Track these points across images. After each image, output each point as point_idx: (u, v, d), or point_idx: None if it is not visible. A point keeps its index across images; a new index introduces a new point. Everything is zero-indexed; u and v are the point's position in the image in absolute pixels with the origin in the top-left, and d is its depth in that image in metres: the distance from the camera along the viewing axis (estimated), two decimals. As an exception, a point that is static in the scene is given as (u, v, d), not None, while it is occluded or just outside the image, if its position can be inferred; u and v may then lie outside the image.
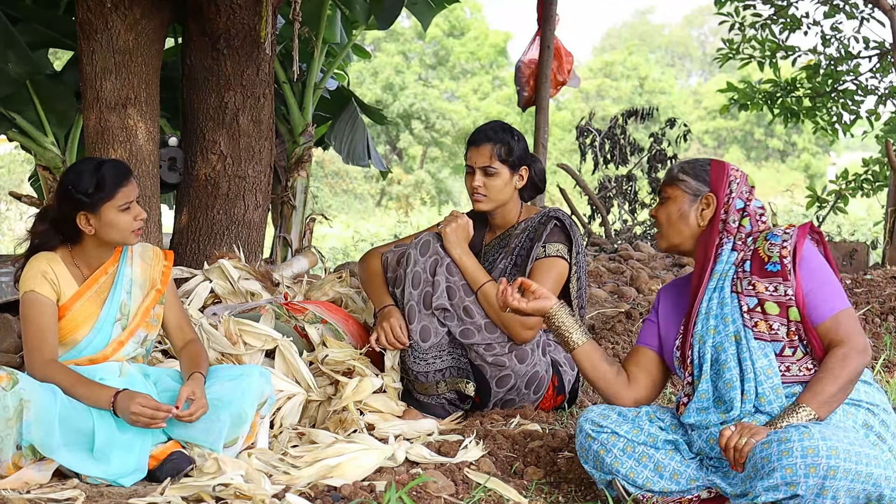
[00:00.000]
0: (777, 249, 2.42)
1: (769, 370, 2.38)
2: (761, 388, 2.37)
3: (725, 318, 2.46)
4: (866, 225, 16.39)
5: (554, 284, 3.25)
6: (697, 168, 2.57)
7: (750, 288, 2.44)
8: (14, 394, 2.61)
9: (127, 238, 2.90)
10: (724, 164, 2.56)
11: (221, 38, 4.92)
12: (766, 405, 2.36)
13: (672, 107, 27.72)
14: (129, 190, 2.87)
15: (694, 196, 2.54)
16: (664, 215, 2.59)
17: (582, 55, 41.54)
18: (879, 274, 6.23)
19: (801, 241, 2.44)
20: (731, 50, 9.90)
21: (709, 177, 2.54)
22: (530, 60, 7.59)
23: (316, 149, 7.22)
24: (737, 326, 2.44)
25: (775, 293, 2.41)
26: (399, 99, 27.40)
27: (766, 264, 2.43)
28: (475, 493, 2.50)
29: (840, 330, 2.36)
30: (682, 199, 2.55)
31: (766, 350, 2.40)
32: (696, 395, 2.46)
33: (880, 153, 10.12)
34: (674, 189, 2.57)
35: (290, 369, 3.28)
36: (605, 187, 10.86)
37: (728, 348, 2.43)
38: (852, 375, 2.31)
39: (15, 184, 17.87)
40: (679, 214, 2.55)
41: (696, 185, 2.55)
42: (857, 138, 12.18)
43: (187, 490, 2.52)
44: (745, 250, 2.49)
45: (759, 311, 2.42)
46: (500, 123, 3.43)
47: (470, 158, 3.38)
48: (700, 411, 2.46)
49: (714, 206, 2.52)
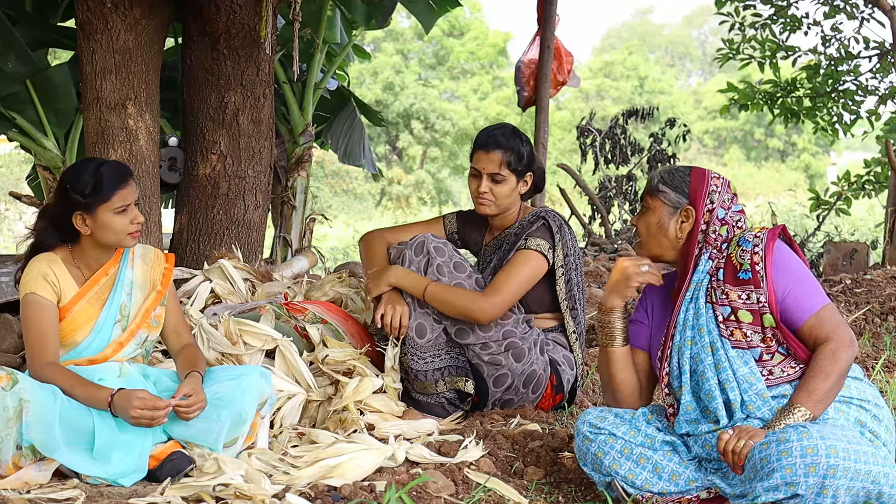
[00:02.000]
0: (748, 256, 2.43)
1: (751, 377, 2.39)
2: (746, 396, 2.38)
3: (701, 328, 2.46)
4: (866, 225, 16.39)
5: (526, 274, 3.25)
6: (677, 179, 2.54)
7: (723, 297, 2.45)
8: (14, 394, 2.61)
9: (123, 241, 2.89)
10: (704, 175, 2.54)
11: (221, 38, 4.92)
12: (756, 411, 2.37)
13: (672, 107, 27.73)
14: (127, 193, 2.86)
15: (674, 208, 2.53)
16: (644, 226, 2.58)
17: (582, 55, 41.57)
18: (879, 274, 6.23)
19: (771, 244, 2.43)
20: (731, 50, 9.90)
21: (688, 188, 2.52)
22: (530, 60, 7.59)
23: (317, 148, 7.22)
24: (712, 337, 2.44)
25: (748, 301, 2.42)
26: (399, 99, 27.41)
27: (738, 272, 2.43)
28: (475, 493, 2.50)
29: (824, 326, 2.36)
30: (661, 210, 2.54)
31: (746, 357, 2.41)
32: (682, 408, 2.47)
33: (880, 153, 10.12)
34: (654, 200, 2.56)
35: (290, 369, 3.28)
36: (606, 187, 10.86)
37: (705, 359, 2.44)
38: (843, 370, 2.31)
39: (15, 184, 17.87)
40: (658, 226, 2.54)
41: (675, 198, 2.53)
42: (857, 138, 12.18)
43: (187, 490, 2.52)
44: (718, 258, 2.49)
45: (733, 319, 2.43)
46: (511, 129, 3.41)
47: (478, 162, 3.37)
48: (690, 423, 2.47)
49: (693, 218, 2.51)
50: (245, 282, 4.06)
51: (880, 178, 9.95)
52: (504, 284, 3.21)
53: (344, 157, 7.21)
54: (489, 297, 3.18)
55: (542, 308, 3.41)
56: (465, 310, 3.18)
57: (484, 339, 3.23)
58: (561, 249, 3.32)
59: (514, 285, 3.22)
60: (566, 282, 3.36)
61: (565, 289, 3.36)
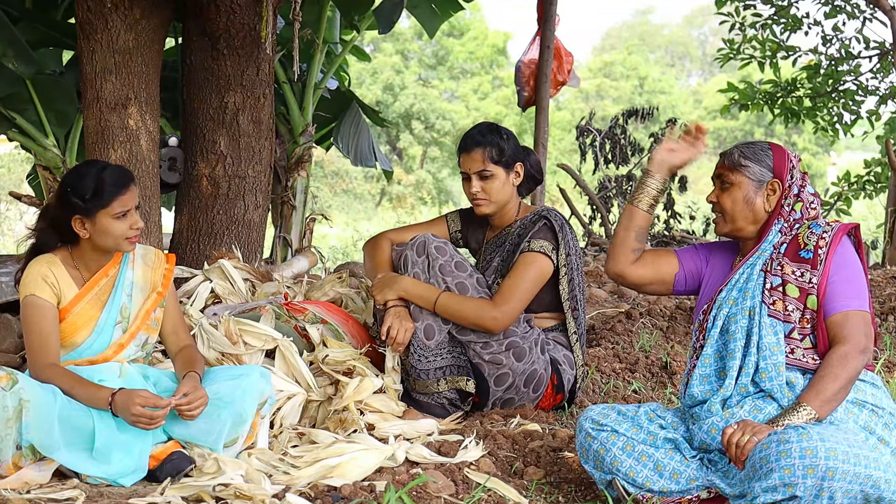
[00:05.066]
0: (815, 238, 2.47)
1: (775, 347, 2.42)
2: (763, 363, 2.40)
3: (747, 292, 2.50)
4: (867, 225, 16.38)
5: (533, 279, 3.26)
6: (759, 153, 2.57)
7: (778, 268, 2.48)
8: (13, 394, 2.61)
9: (120, 245, 2.89)
10: (783, 150, 2.58)
11: (221, 38, 4.92)
12: (767, 381, 2.38)
13: (672, 107, 27.73)
14: (127, 198, 2.85)
15: (759, 182, 2.55)
16: (729, 201, 2.58)
17: (582, 55, 41.52)
18: (879, 274, 6.23)
19: (840, 236, 2.47)
20: (731, 50, 9.90)
21: (772, 162, 2.55)
22: (530, 60, 7.58)
23: (317, 148, 7.21)
24: (754, 302, 2.48)
25: (800, 278, 2.45)
26: (399, 99, 27.40)
27: (801, 250, 2.47)
28: (475, 493, 2.50)
29: (846, 327, 2.38)
30: (746, 184, 2.56)
31: (777, 328, 2.44)
32: (700, 360, 2.51)
33: (880, 153, 10.12)
34: (737, 175, 2.57)
35: (290, 369, 3.28)
36: (606, 187, 10.86)
37: (740, 321, 2.47)
38: (852, 375, 2.32)
39: (15, 184, 17.87)
40: (745, 200, 2.56)
41: (759, 171, 2.55)
42: (857, 138, 12.17)
43: (187, 490, 2.52)
44: (787, 233, 2.53)
45: (780, 290, 2.46)
46: (487, 125, 3.43)
47: (463, 165, 3.39)
48: (703, 380, 2.49)
49: (779, 192, 2.54)
50: (245, 282, 4.06)
51: (880, 178, 9.95)
52: (512, 292, 3.21)
53: (356, 159, 7.20)
54: (499, 306, 3.19)
55: (543, 307, 3.41)
56: (477, 321, 3.19)
57: (485, 337, 3.23)
58: (563, 249, 3.32)
59: (523, 292, 3.23)
60: (569, 281, 3.35)
61: (568, 288, 3.36)
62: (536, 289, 3.28)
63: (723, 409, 2.43)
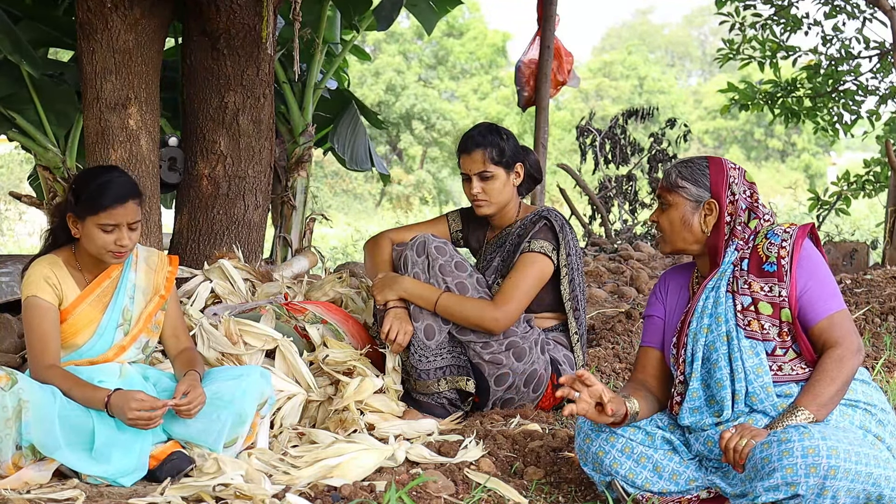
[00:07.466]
0: (776, 249, 2.43)
1: (759, 369, 2.39)
2: (751, 387, 2.38)
3: (719, 317, 2.46)
4: (867, 225, 16.39)
5: (534, 279, 3.26)
6: (696, 172, 2.52)
7: (745, 287, 2.44)
8: (13, 394, 2.61)
9: (102, 256, 2.87)
10: (721, 165, 2.53)
11: (221, 38, 4.92)
12: (758, 404, 2.37)
13: (672, 107, 27.73)
14: (120, 213, 2.81)
15: (696, 202, 2.51)
16: (666, 222, 2.55)
17: (582, 55, 41.54)
18: (879, 274, 6.23)
19: (800, 241, 2.43)
20: (731, 50, 9.90)
21: (708, 181, 2.51)
22: (530, 60, 7.59)
23: (316, 149, 7.20)
24: (729, 326, 2.44)
25: (770, 293, 2.42)
26: (400, 100, 27.41)
27: (764, 264, 2.43)
28: (475, 493, 2.50)
29: (835, 330, 2.36)
30: (683, 205, 2.52)
31: (758, 349, 2.41)
32: (688, 395, 2.47)
33: (880, 153, 10.12)
34: (674, 195, 2.53)
35: (290, 369, 3.28)
36: (606, 187, 10.86)
37: (720, 347, 2.44)
38: (848, 377, 2.31)
39: (15, 184, 17.87)
40: (682, 222, 2.52)
41: (696, 192, 2.51)
42: (857, 138, 12.18)
43: (187, 490, 2.52)
44: (744, 249, 2.49)
45: (752, 310, 2.43)
46: (487, 125, 3.43)
47: (463, 166, 3.39)
48: (693, 411, 2.46)
49: (717, 212, 2.50)
50: (245, 282, 4.06)
51: (880, 178, 9.94)
52: (513, 292, 3.21)
53: (352, 163, 7.19)
54: (500, 307, 3.18)
55: (543, 308, 3.41)
56: (478, 321, 3.19)
57: (485, 337, 3.24)
58: (564, 249, 3.32)
59: (523, 292, 3.23)
60: (570, 282, 3.35)
61: (569, 289, 3.36)
62: (537, 289, 3.28)
63: (716, 425, 2.42)
